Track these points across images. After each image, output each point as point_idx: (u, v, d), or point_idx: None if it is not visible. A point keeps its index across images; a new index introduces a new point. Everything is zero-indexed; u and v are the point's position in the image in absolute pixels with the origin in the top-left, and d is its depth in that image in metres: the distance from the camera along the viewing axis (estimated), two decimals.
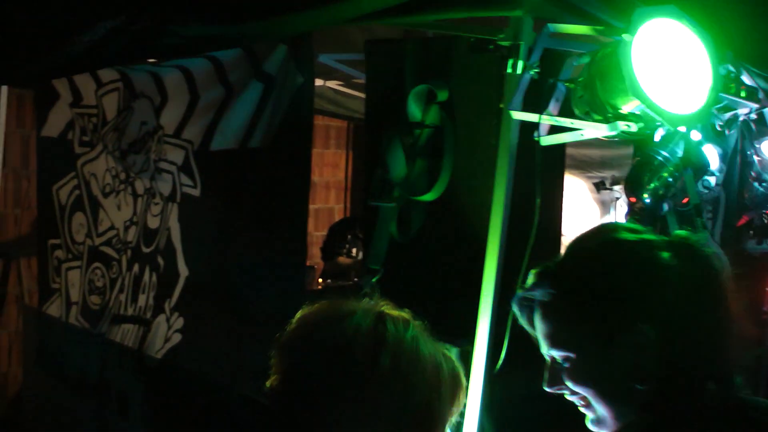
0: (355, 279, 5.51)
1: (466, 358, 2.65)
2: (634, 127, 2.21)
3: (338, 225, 5.98)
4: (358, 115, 5.71)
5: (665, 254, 1.37)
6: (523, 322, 1.57)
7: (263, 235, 3.23)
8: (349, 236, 5.53)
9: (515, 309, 1.57)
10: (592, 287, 1.40)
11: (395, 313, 1.48)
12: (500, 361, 2.48)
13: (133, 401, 3.99)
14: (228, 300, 3.43)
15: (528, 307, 1.53)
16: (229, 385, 3.37)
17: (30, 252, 5.35)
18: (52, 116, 4.59)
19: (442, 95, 2.82)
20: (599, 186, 5.78)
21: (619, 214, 5.67)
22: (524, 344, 2.57)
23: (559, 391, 1.51)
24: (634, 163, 2.75)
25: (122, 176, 4.13)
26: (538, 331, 1.51)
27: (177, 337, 3.70)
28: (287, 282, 3.10)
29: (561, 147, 2.90)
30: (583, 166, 5.69)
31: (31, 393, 5.05)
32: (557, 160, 3.01)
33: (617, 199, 5.72)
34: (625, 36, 2.08)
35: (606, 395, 1.41)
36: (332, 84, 5.06)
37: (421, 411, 1.37)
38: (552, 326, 1.47)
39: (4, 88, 4.74)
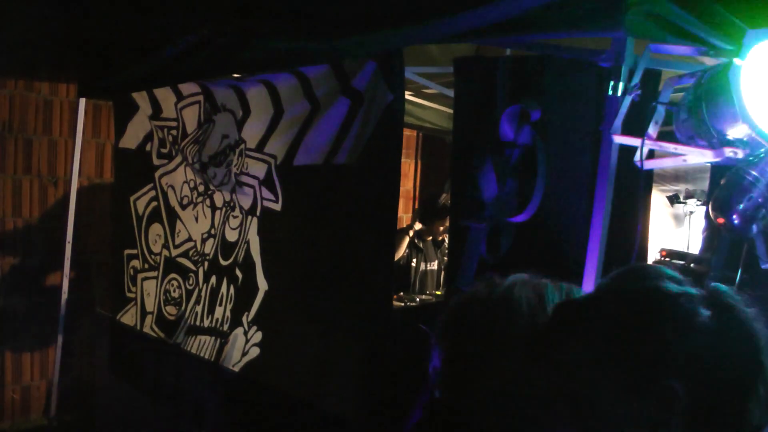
0: (432, 293, 5.55)
1: None
2: (740, 154, 2.18)
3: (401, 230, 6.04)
4: (428, 124, 5.74)
5: (706, 312, 1.32)
6: None
7: (348, 251, 3.24)
8: (407, 240, 5.58)
9: None
10: (629, 333, 1.32)
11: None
12: None
13: (209, 412, 4.05)
14: (309, 315, 3.45)
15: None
16: (309, 402, 3.40)
17: (102, 261, 5.47)
18: (131, 128, 4.69)
19: (535, 115, 2.82)
20: (673, 200, 5.69)
21: (693, 228, 5.59)
22: None
23: None
24: (722, 183, 2.71)
25: (201, 188, 4.20)
26: None
27: (255, 351, 3.74)
28: (373, 298, 3.10)
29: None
30: (656, 179, 5.62)
31: (104, 398, 5.17)
32: (647, 181, 2.99)
33: (691, 213, 5.63)
34: (735, 60, 2.05)
35: None
36: None
37: None
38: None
39: (82, 99, 4.87)
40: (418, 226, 5.61)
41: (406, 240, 5.55)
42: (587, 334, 1.34)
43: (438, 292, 5.52)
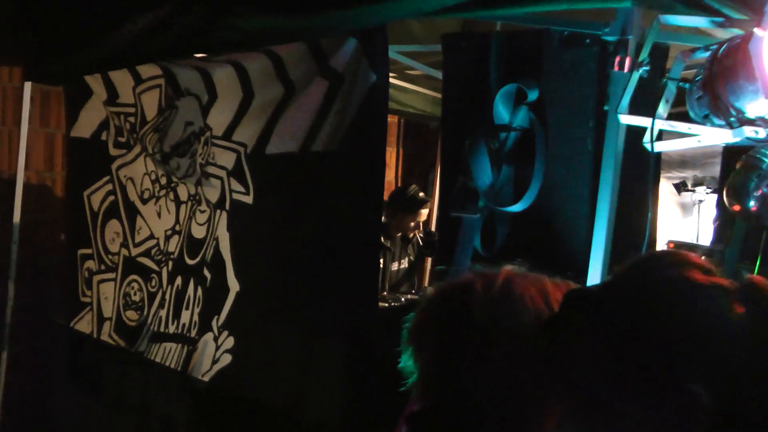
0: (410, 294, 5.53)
1: None
2: (762, 133, 2.18)
3: None
4: (411, 110, 5.73)
5: (740, 307, 1.22)
6: None
7: (328, 248, 3.22)
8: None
9: None
10: (647, 328, 1.24)
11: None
12: None
13: (177, 427, 4.02)
14: (287, 318, 3.43)
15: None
16: (289, 412, 3.38)
17: (54, 263, 5.40)
18: (84, 115, 4.63)
19: (532, 95, 2.82)
20: (680, 187, 5.72)
21: (702, 219, 5.62)
22: None
23: None
24: (738, 167, 2.72)
25: (163, 181, 4.16)
26: None
27: (227, 358, 3.71)
28: (358, 298, 3.09)
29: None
30: (661, 166, 5.64)
31: (58, 415, 5.11)
32: (657, 165, 3.00)
33: (700, 202, 5.66)
34: (756, 30, 2.05)
35: None
36: None
37: None
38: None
39: (28, 84, 4.80)
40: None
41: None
42: (600, 326, 1.27)
43: (410, 296, 5.40)
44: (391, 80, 5.17)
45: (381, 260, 5.57)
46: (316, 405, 3.28)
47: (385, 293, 5.41)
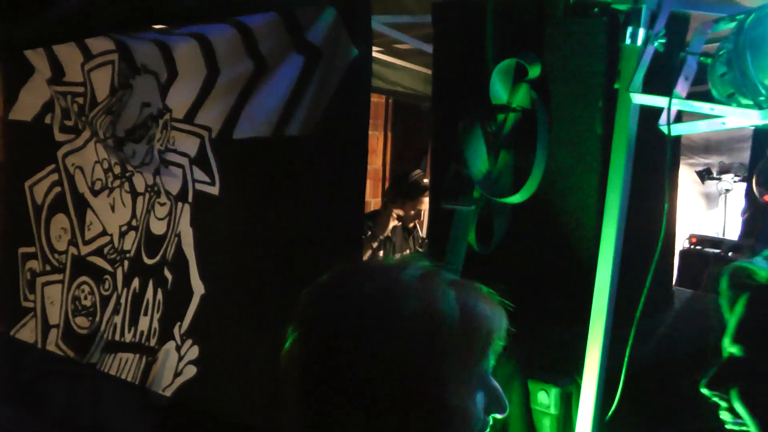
0: None
1: (569, 401, 2.68)
2: None
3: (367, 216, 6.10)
4: (400, 88, 5.75)
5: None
6: (724, 298, 1.62)
7: (305, 243, 3.23)
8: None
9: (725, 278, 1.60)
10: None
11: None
12: (615, 405, 2.49)
13: None
14: (258, 324, 3.42)
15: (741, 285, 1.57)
16: (260, 429, 3.40)
17: None
18: (25, 95, 4.64)
19: (534, 71, 2.83)
20: (704, 175, 5.75)
21: (729, 209, 5.66)
22: (646, 381, 2.62)
23: (715, 397, 1.57)
24: None
25: (117, 170, 4.17)
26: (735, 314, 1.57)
27: (191, 370, 3.73)
28: None
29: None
30: (683, 151, 5.66)
31: None
32: (675, 151, 3.03)
33: (727, 191, 5.70)
34: None
35: None
36: None
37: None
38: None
39: None
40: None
41: (391, 222, 5.63)
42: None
43: None
44: (377, 55, 5.19)
45: (381, 253, 5.65)
46: (290, 422, 3.29)
47: None
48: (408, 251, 5.88)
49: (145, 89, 3.93)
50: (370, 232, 5.64)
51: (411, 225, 5.86)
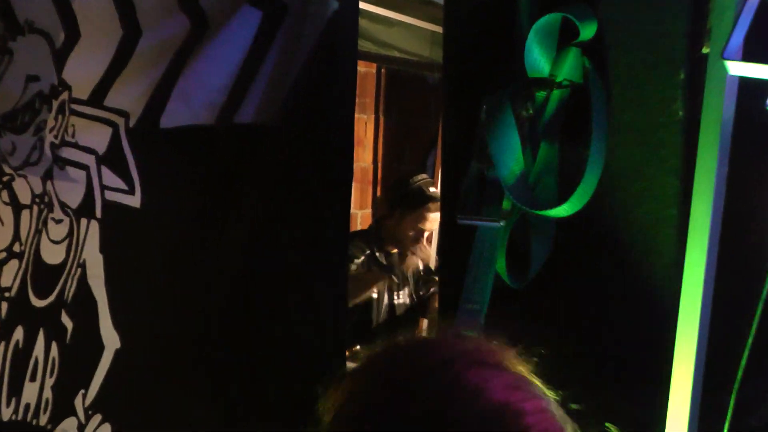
0: None
1: None
2: None
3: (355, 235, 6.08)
4: (397, 53, 5.77)
5: None
6: None
7: (268, 273, 3.24)
8: (367, 251, 5.67)
9: None
10: None
11: None
12: None
13: None
14: (199, 390, 3.44)
15: None
16: None
17: None
18: None
19: (587, 32, 2.83)
20: None
21: None
22: None
23: None
24: None
25: None
26: None
27: None
28: (311, 354, 3.12)
29: None
30: None
31: None
32: None
33: None
34: None
35: None
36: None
37: None
38: None
39: None
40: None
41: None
42: None
43: None
44: (366, 7, 5.21)
45: (376, 292, 5.66)
46: None
47: (359, 347, 5.45)
48: (407, 289, 5.88)
49: (32, 56, 3.94)
50: (363, 257, 5.64)
51: (407, 253, 5.86)
